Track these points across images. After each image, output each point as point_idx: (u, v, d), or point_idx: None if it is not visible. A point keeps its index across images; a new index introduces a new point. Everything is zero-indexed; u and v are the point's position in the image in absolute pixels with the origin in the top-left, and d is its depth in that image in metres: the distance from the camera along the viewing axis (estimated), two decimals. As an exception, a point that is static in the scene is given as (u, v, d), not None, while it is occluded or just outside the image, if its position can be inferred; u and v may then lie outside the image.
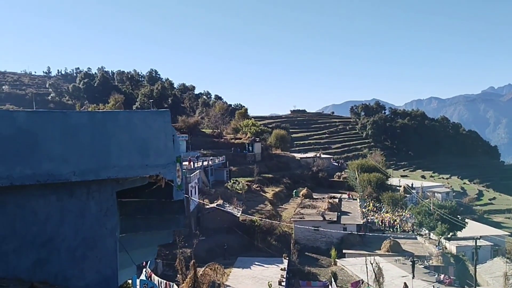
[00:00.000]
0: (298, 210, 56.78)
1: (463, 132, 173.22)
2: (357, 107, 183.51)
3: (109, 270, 4.57)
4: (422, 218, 52.64)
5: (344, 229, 50.07)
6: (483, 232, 54.54)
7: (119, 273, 4.79)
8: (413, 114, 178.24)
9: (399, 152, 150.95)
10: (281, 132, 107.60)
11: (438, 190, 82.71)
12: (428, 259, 43.48)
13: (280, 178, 77.11)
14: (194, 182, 48.15)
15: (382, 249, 46.17)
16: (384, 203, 65.75)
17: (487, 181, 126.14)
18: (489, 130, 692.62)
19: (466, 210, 75.51)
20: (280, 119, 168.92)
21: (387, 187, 73.69)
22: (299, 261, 42.02)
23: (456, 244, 49.70)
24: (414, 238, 52.42)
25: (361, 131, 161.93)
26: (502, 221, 77.54)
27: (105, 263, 4.53)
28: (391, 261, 41.59)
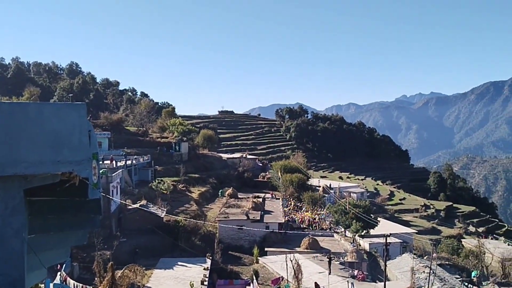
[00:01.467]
0: (223, 210, 56.97)
1: (377, 137, 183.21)
2: (282, 110, 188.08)
3: (15, 272, 4.32)
4: (338, 217, 54.97)
5: (266, 227, 51.04)
6: (393, 230, 58.05)
7: (27, 276, 4.54)
8: (333, 118, 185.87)
9: (319, 154, 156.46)
10: (209, 132, 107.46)
11: (354, 190, 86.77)
12: (344, 256, 45.54)
13: (207, 178, 76.91)
14: (116, 181, 46.58)
15: (302, 246, 47.68)
16: (304, 202, 67.81)
17: (398, 183, 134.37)
18: (401, 135, 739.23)
19: (379, 209, 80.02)
20: (208, 119, 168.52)
21: (307, 187, 76.10)
22: (223, 260, 42.17)
23: (369, 241, 52.50)
24: (331, 236, 54.73)
25: (285, 134, 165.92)
26: (411, 219, 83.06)
27: (11, 265, 4.29)
28: (310, 257, 43.03)
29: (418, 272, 39.38)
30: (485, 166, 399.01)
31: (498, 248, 59.49)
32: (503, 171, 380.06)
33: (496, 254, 55.72)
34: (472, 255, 58.19)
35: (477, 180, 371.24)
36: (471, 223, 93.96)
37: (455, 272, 48.82)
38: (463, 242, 71.07)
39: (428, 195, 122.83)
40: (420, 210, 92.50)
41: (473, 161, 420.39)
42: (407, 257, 45.88)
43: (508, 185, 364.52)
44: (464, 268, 52.46)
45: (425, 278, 35.59)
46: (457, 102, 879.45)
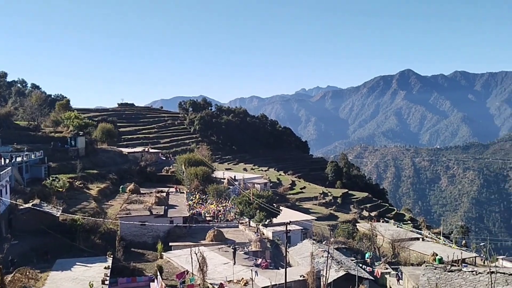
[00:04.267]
0: (124, 206, 55.15)
1: (279, 129, 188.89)
2: (185, 103, 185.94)
3: None
4: (243, 208, 55.99)
5: (171, 222, 50.47)
6: (295, 217, 60.52)
7: None
8: (236, 111, 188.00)
9: (224, 147, 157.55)
10: (108, 125, 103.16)
11: (257, 181, 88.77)
12: (248, 245, 46.56)
13: (106, 174, 73.79)
14: (5, 180, 42.92)
15: (207, 239, 47.92)
16: (209, 195, 68.02)
17: (299, 172, 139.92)
18: (301, 127, 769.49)
19: (281, 199, 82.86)
20: (107, 112, 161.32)
21: (212, 180, 76.34)
22: (125, 258, 40.90)
23: (272, 230, 54.22)
24: (236, 227, 55.63)
25: (189, 126, 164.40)
26: (311, 207, 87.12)
27: None
28: (215, 249, 43.40)
29: (317, 256, 41.50)
30: (377, 155, 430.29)
31: (389, 231, 64.68)
32: (392, 159, 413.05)
33: (386, 236, 60.56)
34: (365, 238, 62.67)
35: (369, 167, 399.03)
36: (365, 208, 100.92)
37: (350, 255, 52.23)
38: (358, 226, 76.18)
39: (326, 183, 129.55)
40: (319, 198, 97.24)
41: (366, 150, 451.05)
42: (307, 243, 48.09)
43: (397, 172, 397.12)
44: (358, 250, 56.20)
45: (324, 262, 37.62)
46: (351, 95, 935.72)
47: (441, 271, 31.56)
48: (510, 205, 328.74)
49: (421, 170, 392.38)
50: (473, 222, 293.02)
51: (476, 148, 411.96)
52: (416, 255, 55.68)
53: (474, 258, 57.98)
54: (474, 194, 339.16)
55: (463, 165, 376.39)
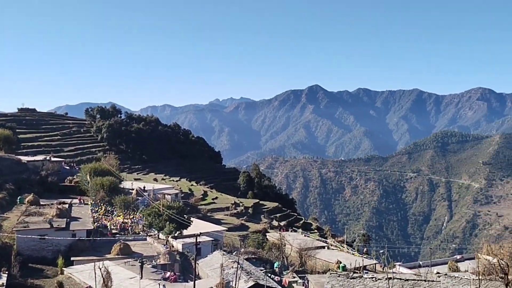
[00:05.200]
0: (22, 219, 51.07)
1: (192, 138, 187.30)
2: (92, 110, 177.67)
3: None
4: (152, 219, 54.42)
5: (73, 235, 47.61)
6: (205, 229, 59.98)
7: None
8: (148, 119, 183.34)
9: (133, 156, 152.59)
10: (6, 132, 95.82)
11: (168, 192, 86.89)
12: (156, 259, 45.28)
13: (3, 184, 67.95)
14: None
15: (112, 252, 45.88)
16: (116, 206, 65.29)
17: (211, 183, 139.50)
18: (215, 137, 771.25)
19: (193, 210, 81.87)
20: (5, 117, 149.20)
21: (120, 191, 73.41)
22: (21, 274, 37.78)
23: (182, 241, 53.26)
24: (144, 239, 53.86)
25: (96, 134, 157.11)
26: (222, 217, 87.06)
27: None
28: (121, 263, 41.65)
29: (227, 267, 41.42)
30: (287, 166, 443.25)
31: (297, 240, 66.49)
32: (301, 170, 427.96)
33: (294, 245, 62.18)
34: (275, 247, 63.82)
35: (280, 178, 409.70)
36: (275, 217, 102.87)
37: (260, 265, 52.82)
38: (268, 236, 77.41)
39: (238, 194, 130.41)
40: (230, 208, 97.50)
41: (277, 161, 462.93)
42: (217, 254, 47.85)
43: (305, 182, 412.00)
44: (268, 260, 57.00)
45: (233, 273, 37.65)
46: (264, 107, 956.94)
47: (344, 278, 32.98)
48: (406, 215, 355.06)
49: (327, 181, 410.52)
50: (373, 231, 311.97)
51: (376, 160, 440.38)
52: (321, 263, 57.72)
53: (374, 265, 61.55)
54: (375, 204, 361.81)
55: (365, 176, 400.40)
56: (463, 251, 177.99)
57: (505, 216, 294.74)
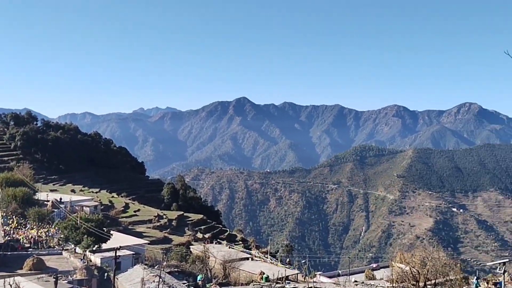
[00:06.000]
0: None
1: (114, 148, 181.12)
2: (6, 116, 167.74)
3: None
4: (68, 233, 51.70)
5: (-21, 251, 43.99)
6: (126, 242, 58.02)
7: None
8: (66, 127, 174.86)
9: (50, 166, 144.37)
10: None
11: (87, 204, 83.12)
12: (73, 274, 43.00)
13: None
14: None
15: (24, 268, 43.03)
16: (30, 219, 61.32)
17: (133, 194, 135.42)
18: (138, 147, 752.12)
19: (113, 222, 78.84)
20: None
21: (34, 202, 69.12)
22: None
23: (101, 256, 51.07)
24: (59, 254, 50.97)
25: (9, 142, 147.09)
26: (144, 230, 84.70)
27: None
28: (33, 279, 39.08)
29: (149, 282, 40.25)
30: (213, 177, 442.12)
31: (221, 252, 66.14)
32: (227, 181, 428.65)
33: (218, 257, 61.86)
34: (198, 260, 63.08)
35: (205, 189, 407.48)
36: (199, 230, 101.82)
37: (183, 278, 51.91)
38: (192, 248, 76.35)
39: (162, 206, 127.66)
40: (153, 221, 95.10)
41: (203, 173, 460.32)
42: (138, 269, 46.36)
43: (231, 194, 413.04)
44: (191, 273, 56.19)
45: (155, 287, 36.69)
46: (190, 118, 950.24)
47: (267, 289, 33.35)
48: (327, 225, 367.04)
49: (253, 192, 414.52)
50: (296, 241, 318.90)
51: (300, 172, 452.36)
52: (245, 274, 57.85)
53: (296, 275, 62.76)
54: (298, 214, 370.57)
55: (289, 187, 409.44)
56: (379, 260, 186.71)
57: (417, 226, 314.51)
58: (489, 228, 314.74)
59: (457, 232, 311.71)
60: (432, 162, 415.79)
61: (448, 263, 35.32)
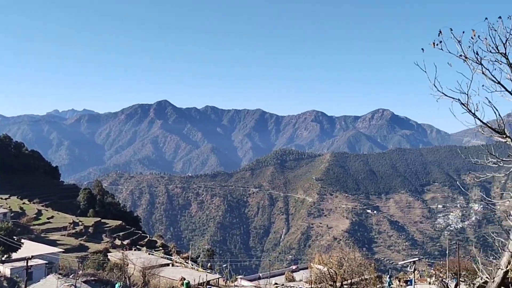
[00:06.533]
0: None
1: (26, 152, 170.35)
2: None
3: None
4: (-26, 244, 48.36)
5: None
6: (39, 251, 55.39)
7: None
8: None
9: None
10: None
11: (-5, 211, 77.99)
12: (-22, 288, 40.38)
13: None
14: None
15: None
16: None
17: (47, 200, 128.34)
18: (52, 151, 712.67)
19: (24, 230, 74.56)
20: None
21: None
22: None
23: (11, 266, 48.36)
24: (-37, 267, 47.47)
25: None
26: (59, 238, 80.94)
27: None
28: None
29: (63, 291, 38.94)
30: (132, 182, 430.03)
31: (140, 258, 65.03)
32: (147, 186, 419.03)
33: (138, 264, 60.82)
34: (116, 267, 61.56)
35: (124, 195, 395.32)
36: (118, 236, 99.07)
37: (100, 287, 50.57)
38: (109, 256, 74.22)
39: (78, 212, 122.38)
40: (68, 228, 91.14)
41: (121, 177, 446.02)
42: (52, 278, 44.54)
43: (151, 199, 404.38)
44: (109, 281, 54.82)
45: (70, 296, 35.56)
46: (109, 120, 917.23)
47: (187, 294, 33.67)
48: (249, 228, 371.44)
49: (174, 197, 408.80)
50: (218, 245, 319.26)
51: (222, 176, 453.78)
52: (165, 281, 57.52)
53: (217, 279, 63.39)
54: (220, 218, 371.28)
55: (211, 191, 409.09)
56: (298, 261, 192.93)
57: (334, 227, 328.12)
58: (401, 228, 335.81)
59: (371, 233, 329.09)
60: (348, 165, 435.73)
61: (363, 263, 37.31)
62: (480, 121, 11.05)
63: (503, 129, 11.14)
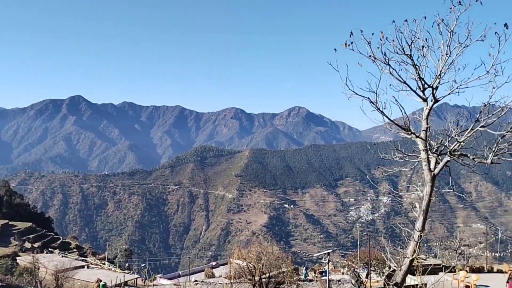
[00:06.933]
0: None
1: None
2: None
3: None
4: None
5: None
6: None
7: None
8: None
9: None
10: None
11: None
12: None
13: None
14: None
15: None
16: None
17: None
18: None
19: None
20: None
21: None
22: None
23: None
24: None
25: None
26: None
27: None
28: None
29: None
30: (43, 181, 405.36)
31: (53, 261, 61.80)
32: (60, 186, 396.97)
33: (50, 267, 57.71)
34: (26, 272, 58.02)
35: (35, 195, 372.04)
36: (28, 239, 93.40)
37: (8, 293, 47.48)
38: (18, 260, 69.83)
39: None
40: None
41: (31, 177, 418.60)
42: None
43: (64, 199, 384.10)
44: (18, 286, 51.74)
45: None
46: (16, 116, 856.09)
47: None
48: (168, 226, 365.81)
49: (89, 196, 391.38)
50: (136, 245, 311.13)
51: (141, 174, 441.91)
52: (80, 283, 55.29)
53: (135, 279, 61.94)
54: (138, 217, 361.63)
55: (129, 190, 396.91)
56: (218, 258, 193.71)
57: (253, 222, 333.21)
58: (316, 221, 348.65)
59: (289, 227, 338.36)
60: (266, 161, 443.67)
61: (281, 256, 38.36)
62: (387, 119, 11.95)
63: (408, 126, 12.11)
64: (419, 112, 12.57)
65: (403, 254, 12.41)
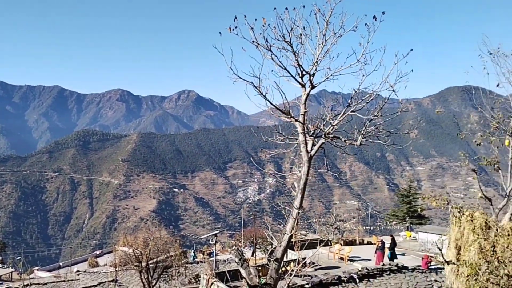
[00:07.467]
0: None
1: None
2: None
3: None
4: None
5: None
6: None
7: None
8: None
9: None
10: None
11: None
12: None
13: None
14: None
15: None
16: None
17: None
18: None
19: None
20: None
21: None
22: None
23: None
24: None
25: None
26: None
27: None
28: None
29: None
30: None
31: None
32: None
33: None
34: None
35: None
36: None
37: None
38: None
39: None
40: None
41: None
42: None
43: None
44: None
45: None
46: None
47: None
48: (47, 216, 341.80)
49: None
50: (10, 237, 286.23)
51: (14, 160, 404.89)
52: None
53: (10, 273, 57.28)
54: (12, 207, 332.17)
55: (0, 178, 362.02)
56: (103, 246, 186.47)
57: (141, 208, 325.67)
58: (205, 204, 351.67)
59: (178, 211, 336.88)
60: (155, 145, 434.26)
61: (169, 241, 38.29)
62: (269, 103, 12.44)
63: (288, 111, 12.74)
64: (300, 97, 13.27)
65: (284, 231, 13.12)
